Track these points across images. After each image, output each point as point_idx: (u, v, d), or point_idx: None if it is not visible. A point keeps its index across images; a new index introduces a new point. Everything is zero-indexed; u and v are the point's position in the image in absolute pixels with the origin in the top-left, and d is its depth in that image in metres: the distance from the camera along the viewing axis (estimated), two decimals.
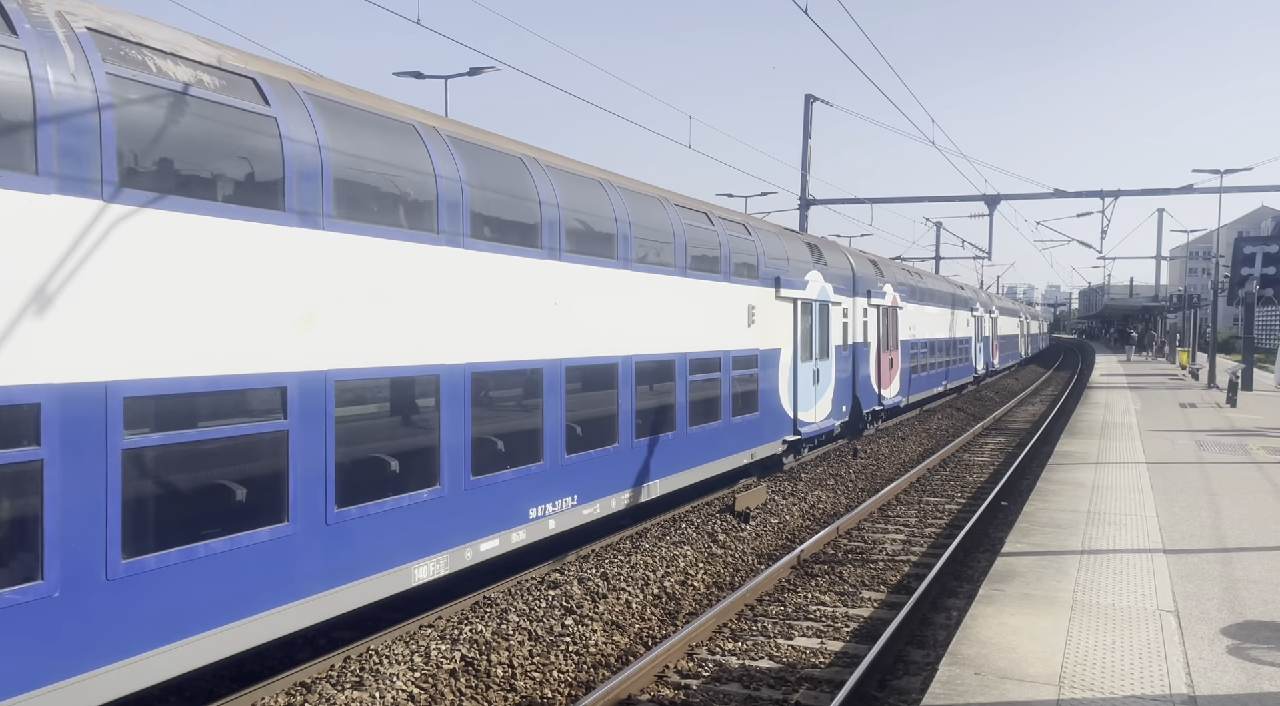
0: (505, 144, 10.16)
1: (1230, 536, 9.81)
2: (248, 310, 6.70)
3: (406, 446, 8.29)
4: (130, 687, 5.88)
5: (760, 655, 8.70)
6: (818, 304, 18.81)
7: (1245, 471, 14.04)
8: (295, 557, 7.03)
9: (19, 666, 5.30)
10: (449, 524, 8.68)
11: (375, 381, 7.97)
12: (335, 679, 7.66)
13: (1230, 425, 20.42)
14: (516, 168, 9.98)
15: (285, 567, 6.95)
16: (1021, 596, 7.62)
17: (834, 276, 20.08)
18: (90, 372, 5.69)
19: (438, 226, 8.60)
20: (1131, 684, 5.80)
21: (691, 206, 14.35)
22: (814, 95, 33.08)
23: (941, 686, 5.73)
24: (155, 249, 6.11)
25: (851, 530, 13.83)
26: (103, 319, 5.77)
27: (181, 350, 6.23)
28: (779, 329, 16.84)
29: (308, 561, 7.14)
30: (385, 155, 8.10)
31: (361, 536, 7.64)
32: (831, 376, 19.77)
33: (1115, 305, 76.36)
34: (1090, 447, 16.60)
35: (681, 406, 13.27)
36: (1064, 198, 31.93)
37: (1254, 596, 7.70)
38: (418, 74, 28.61)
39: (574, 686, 7.96)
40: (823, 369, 19.14)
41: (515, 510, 9.66)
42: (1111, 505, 11.41)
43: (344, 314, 7.54)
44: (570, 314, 10.64)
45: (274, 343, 6.90)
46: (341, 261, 7.48)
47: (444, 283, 8.67)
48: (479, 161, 9.33)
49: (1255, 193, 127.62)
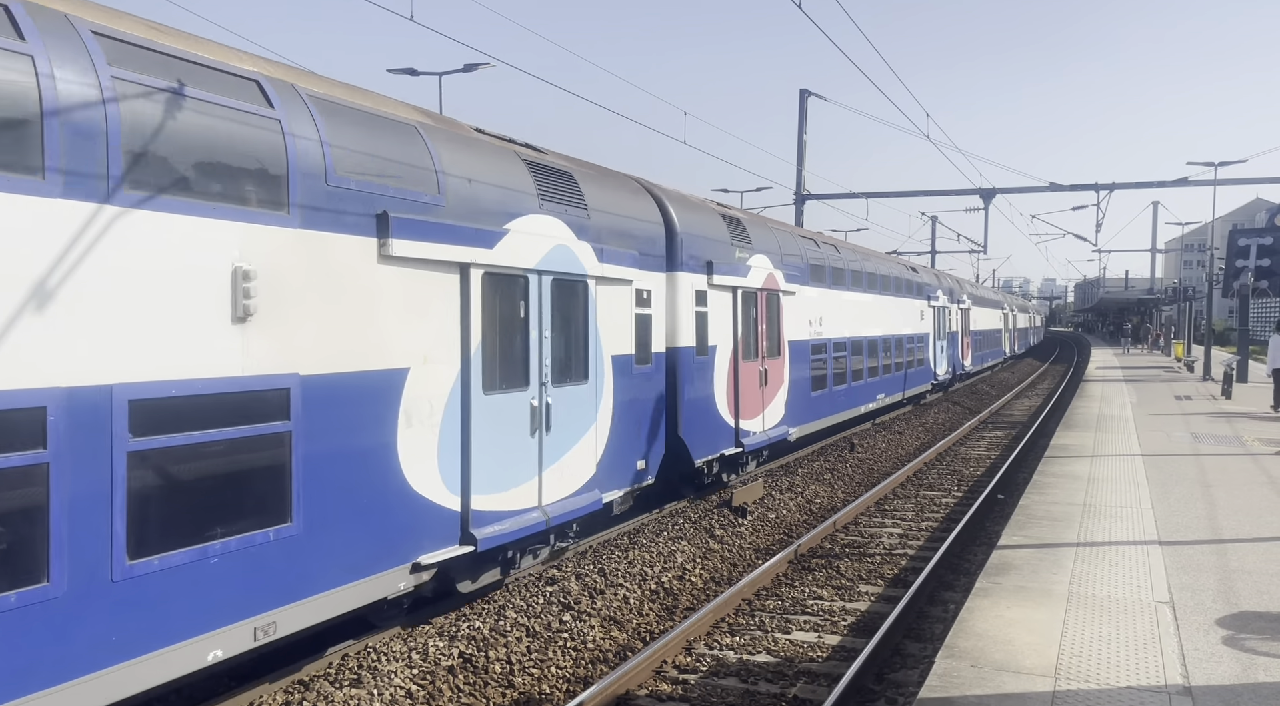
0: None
1: (1225, 528, 9.84)
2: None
3: None
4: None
5: (758, 649, 8.73)
6: (551, 278, 10.11)
7: (1240, 463, 14.08)
8: None
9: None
10: None
11: None
12: (333, 676, 7.67)
13: (1225, 417, 20.48)
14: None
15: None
16: (1017, 589, 7.64)
17: (591, 228, 10.98)
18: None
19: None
20: (1127, 675, 5.83)
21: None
22: (809, 90, 33.09)
23: (938, 679, 5.75)
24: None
25: (849, 524, 13.86)
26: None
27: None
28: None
29: None
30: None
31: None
32: (601, 409, 11.14)
33: (1110, 298, 76.51)
34: (1086, 440, 16.64)
35: None
36: (1059, 191, 32.03)
37: (1249, 587, 7.73)
38: (411, 71, 28.60)
39: (572, 682, 7.97)
40: (567, 399, 10.36)
41: None
42: (1107, 497, 11.44)
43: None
44: None
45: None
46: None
47: None
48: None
49: (1249, 185, 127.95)
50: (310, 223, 7.14)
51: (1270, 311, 48.42)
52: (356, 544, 7.53)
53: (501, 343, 9.27)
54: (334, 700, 7.23)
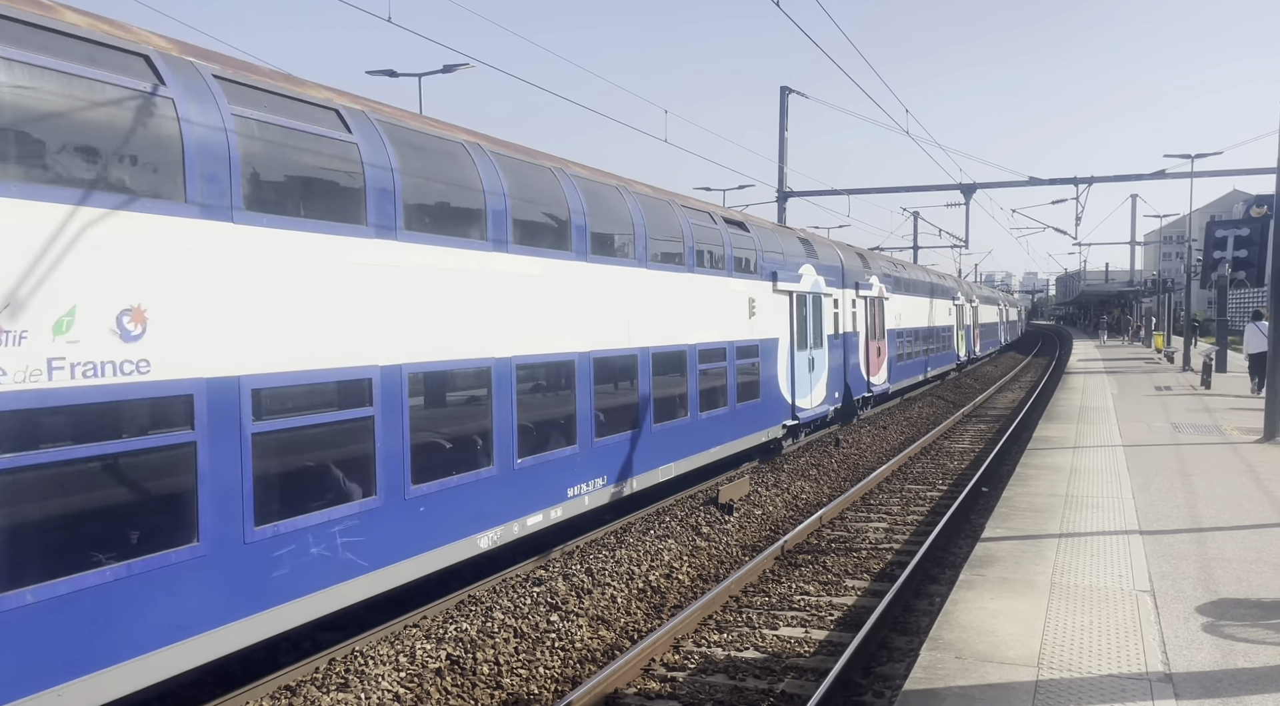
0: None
1: (1205, 516, 9.95)
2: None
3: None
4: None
5: (746, 646, 8.76)
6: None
7: (1219, 452, 14.23)
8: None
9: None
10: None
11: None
12: (320, 681, 7.65)
13: (1205, 407, 20.68)
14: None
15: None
16: (1001, 580, 7.70)
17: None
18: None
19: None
20: (1109, 663, 5.89)
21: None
22: (789, 87, 33.16)
23: (923, 671, 5.79)
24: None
25: (834, 519, 13.92)
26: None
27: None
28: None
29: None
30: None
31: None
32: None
33: (1091, 291, 77.05)
34: (1068, 432, 16.78)
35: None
36: (1039, 185, 32.25)
37: (1228, 574, 7.82)
38: (391, 72, 28.49)
39: (560, 682, 7.98)
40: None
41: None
42: (1089, 488, 11.54)
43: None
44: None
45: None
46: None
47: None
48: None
49: (1226, 176, 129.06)
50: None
51: (1248, 302, 48.88)
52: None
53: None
54: (320, 704, 7.22)
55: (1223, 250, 28.95)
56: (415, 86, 36.49)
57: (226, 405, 6.71)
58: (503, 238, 9.83)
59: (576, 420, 11.17)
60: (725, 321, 15.57)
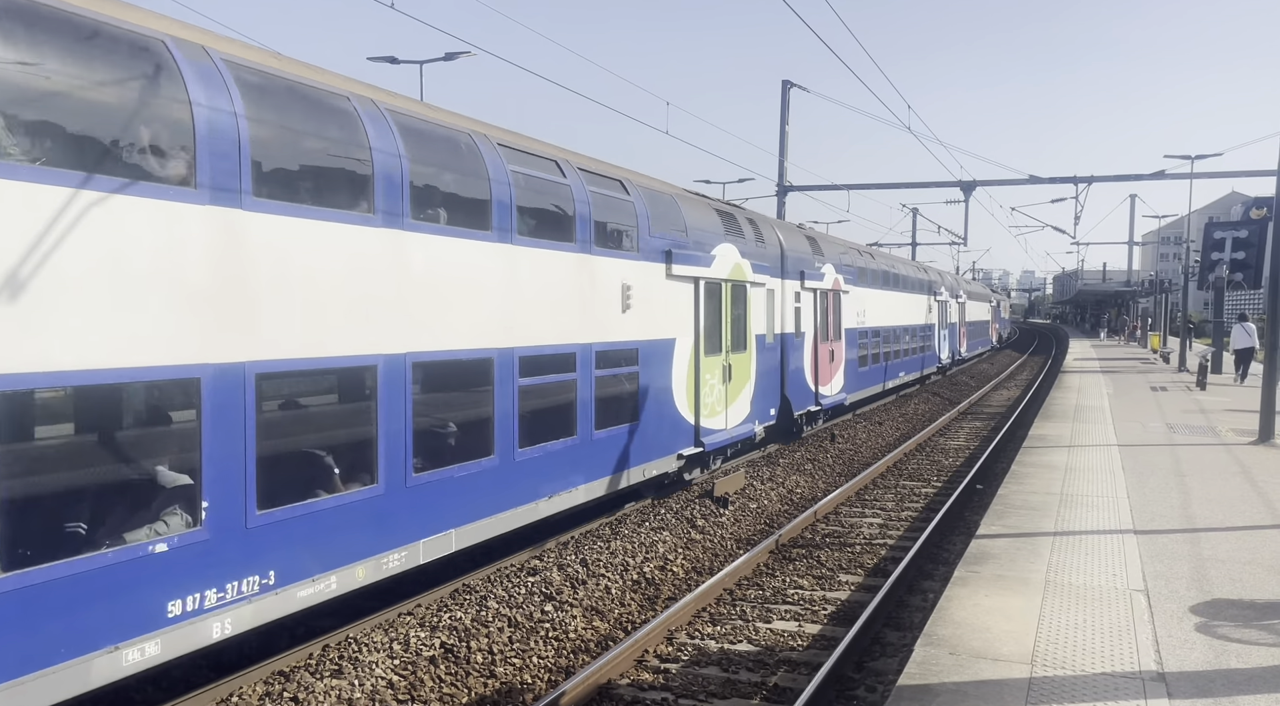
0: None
1: (1199, 516, 9.98)
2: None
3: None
4: None
5: (739, 638, 8.78)
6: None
7: (1214, 453, 14.27)
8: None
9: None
10: None
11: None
12: (314, 667, 7.65)
13: (1200, 408, 20.72)
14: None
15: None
16: (995, 577, 7.72)
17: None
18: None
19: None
20: (1102, 662, 5.91)
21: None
22: (791, 81, 33.11)
23: (917, 667, 5.80)
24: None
25: (829, 514, 13.94)
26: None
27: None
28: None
29: None
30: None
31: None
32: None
33: (1088, 290, 77.12)
34: (1064, 431, 16.81)
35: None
36: (1039, 183, 32.30)
37: (1222, 575, 7.85)
38: (392, 59, 28.41)
39: (554, 671, 7.99)
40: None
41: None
42: (1084, 487, 11.57)
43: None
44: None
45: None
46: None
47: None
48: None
49: (1225, 178, 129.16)
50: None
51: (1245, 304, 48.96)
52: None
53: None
54: (315, 691, 7.22)
55: (1221, 251, 28.96)
56: (417, 73, 36.15)
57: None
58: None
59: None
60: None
